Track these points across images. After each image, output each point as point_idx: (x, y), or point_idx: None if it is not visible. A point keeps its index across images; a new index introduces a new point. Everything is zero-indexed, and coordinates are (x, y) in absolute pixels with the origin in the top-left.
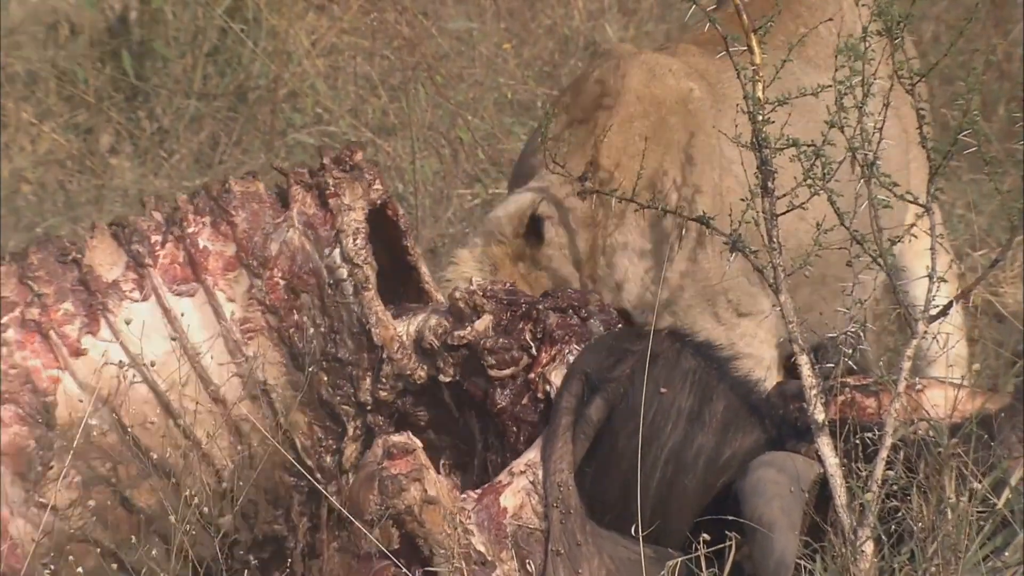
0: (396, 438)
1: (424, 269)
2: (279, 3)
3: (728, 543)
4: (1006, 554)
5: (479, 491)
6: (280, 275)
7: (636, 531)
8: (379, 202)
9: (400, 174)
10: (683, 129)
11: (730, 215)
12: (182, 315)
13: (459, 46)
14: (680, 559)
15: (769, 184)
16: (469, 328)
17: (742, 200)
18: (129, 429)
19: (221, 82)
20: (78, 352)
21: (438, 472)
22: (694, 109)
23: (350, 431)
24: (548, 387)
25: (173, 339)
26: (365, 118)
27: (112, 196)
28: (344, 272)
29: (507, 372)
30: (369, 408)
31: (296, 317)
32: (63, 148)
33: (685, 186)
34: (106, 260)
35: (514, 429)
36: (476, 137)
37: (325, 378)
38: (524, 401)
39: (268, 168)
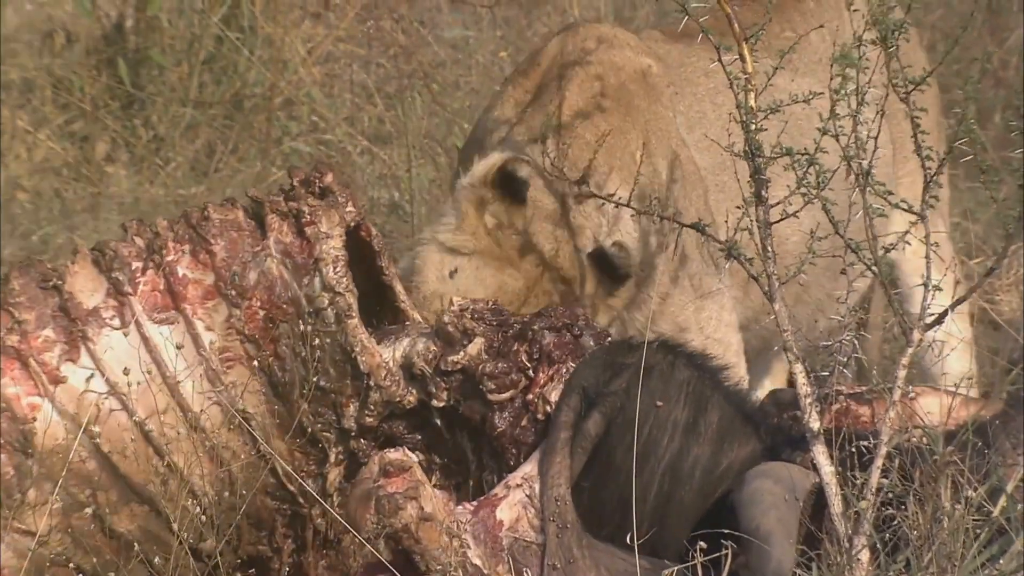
0: (392, 455)
1: (399, 288)
2: (275, 11)
3: (724, 552)
4: (1002, 562)
5: (475, 503)
6: (259, 305)
7: (632, 542)
8: (353, 224)
9: (396, 182)
10: (643, 96)
11: (727, 222)
12: (172, 344)
13: (455, 54)
14: (676, 568)
15: (763, 193)
16: (462, 353)
17: (737, 207)
18: (109, 456)
19: (217, 90)
20: (57, 379)
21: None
22: (652, 83)
23: (332, 457)
24: (548, 407)
25: (152, 367)
26: (361, 126)
27: (108, 204)
28: (325, 301)
29: (506, 396)
30: (353, 434)
31: (275, 346)
32: (59, 156)
33: (648, 155)
34: (87, 287)
35: (513, 451)
36: None
37: (306, 406)
38: (523, 423)
39: (263, 177)
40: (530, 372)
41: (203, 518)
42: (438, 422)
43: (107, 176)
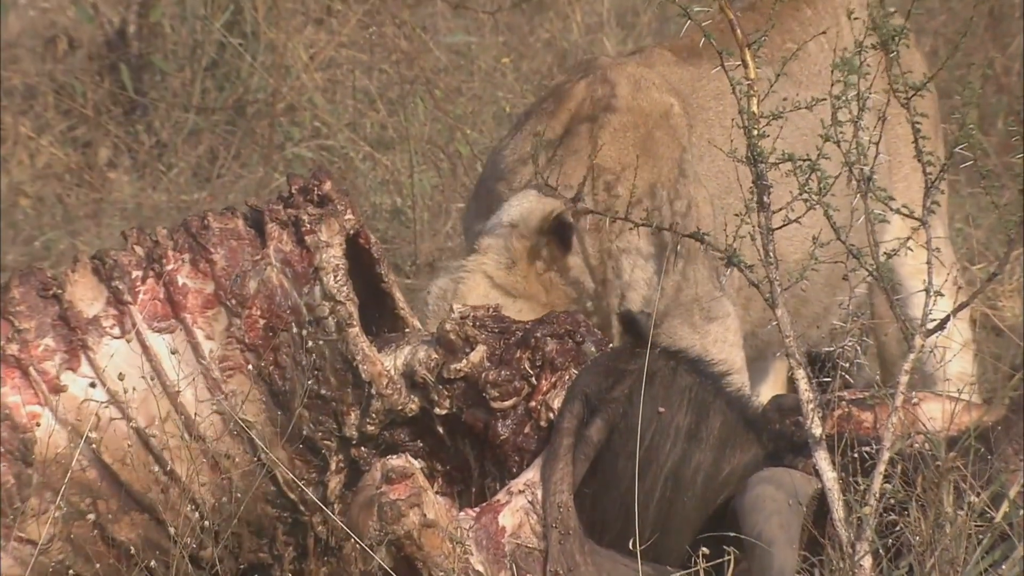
0: (394, 462)
1: (398, 295)
2: (277, 17)
3: (727, 558)
4: (1004, 567)
5: (477, 510)
6: (259, 314)
7: (635, 548)
8: (352, 232)
9: (398, 188)
10: (669, 143)
11: (725, 229)
12: (169, 352)
13: (458, 60)
14: (679, 574)
15: (765, 199)
16: (464, 361)
17: (736, 215)
18: (109, 465)
19: (219, 96)
20: (57, 388)
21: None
22: (675, 124)
23: (332, 465)
24: (550, 414)
25: (152, 376)
26: (363, 132)
27: (110, 210)
28: (325, 309)
29: (509, 403)
30: (354, 442)
31: (276, 355)
32: (61, 162)
33: (679, 199)
34: (87, 295)
35: (516, 459)
36: (475, 151)
37: (307, 414)
38: (526, 430)
39: (266, 183)
40: (533, 379)
41: (205, 523)
42: (440, 430)
43: (109, 182)
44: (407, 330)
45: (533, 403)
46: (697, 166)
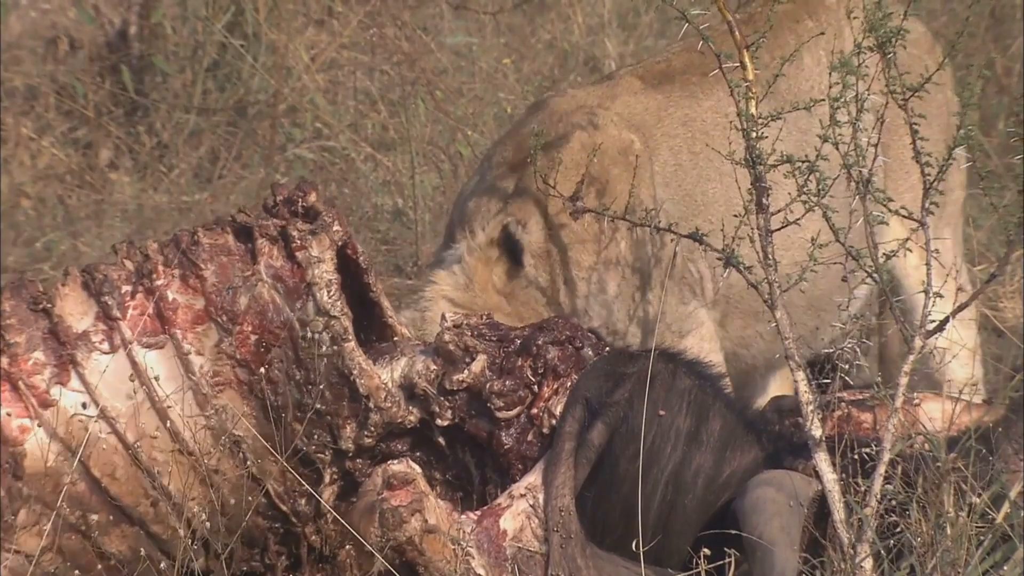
0: (395, 467)
1: (386, 304)
2: (279, 18)
3: (728, 560)
4: (1005, 568)
5: (479, 513)
6: (250, 329)
7: (637, 550)
8: (340, 243)
9: (400, 189)
10: (626, 180)
11: (722, 230)
12: (161, 369)
13: (459, 61)
14: None
15: (763, 200)
16: (466, 371)
17: (735, 216)
18: (99, 479)
19: (221, 97)
20: (47, 403)
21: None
22: (634, 161)
23: (326, 477)
24: (553, 421)
25: (141, 391)
26: (365, 133)
27: (111, 211)
28: (319, 324)
29: (514, 412)
30: (350, 454)
31: (268, 370)
32: (62, 163)
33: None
34: (76, 310)
35: (519, 467)
36: (476, 152)
37: (299, 428)
38: (529, 438)
39: (267, 184)
40: (535, 387)
41: (201, 533)
42: (440, 440)
43: (111, 183)
44: (396, 340)
45: (535, 410)
46: (662, 192)
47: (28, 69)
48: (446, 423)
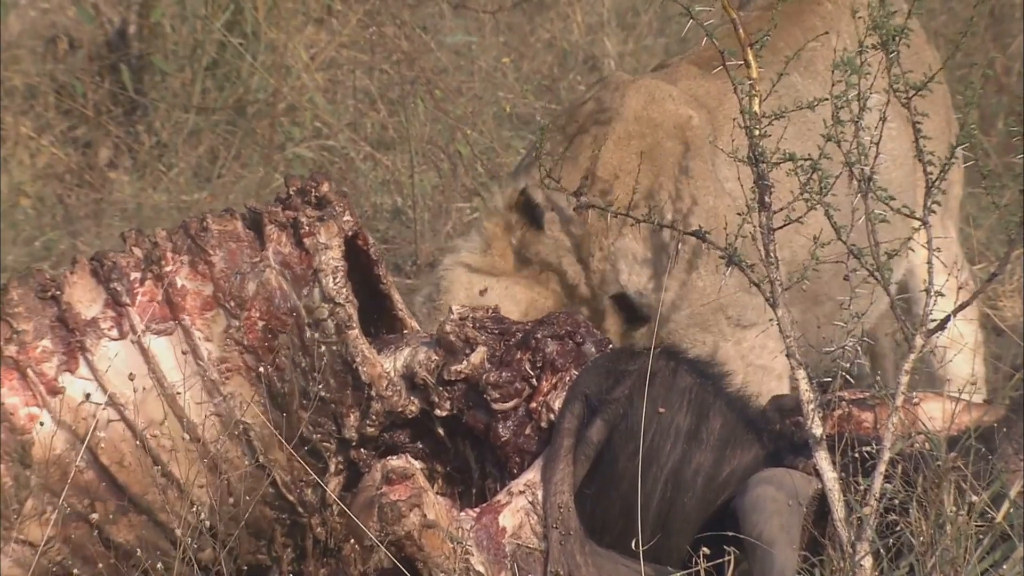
0: (394, 462)
1: (397, 296)
2: (278, 17)
3: (727, 558)
4: (1004, 568)
5: (478, 510)
6: (258, 315)
7: (637, 549)
8: (350, 233)
9: (399, 188)
10: (679, 153)
11: (725, 228)
12: (170, 355)
13: (458, 60)
14: (679, 574)
15: (766, 198)
16: (465, 362)
17: (739, 215)
18: (107, 467)
19: (220, 96)
20: (55, 390)
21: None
22: (691, 136)
23: (332, 467)
24: (551, 415)
25: (150, 378)
26: (364, 132)
27: (111, 210)
28: (325, 311)
29: (510, 404)
30: (353, 444)
31: (275, 357)
32: (62, 162)
33: (680, 200)
34: (85, 297)
35: (517, 460)
36: (475, 151)
37: (305, 416)
38: (527, 431)
39: (267, 183)
40: (533, 380)
41: (207, 523)
42: (440, 431)
43: (110, 182)
44: (405, 332)
45: (534, 404)
46: (723, 174)
47: (27, 68)
48: (444, 413)
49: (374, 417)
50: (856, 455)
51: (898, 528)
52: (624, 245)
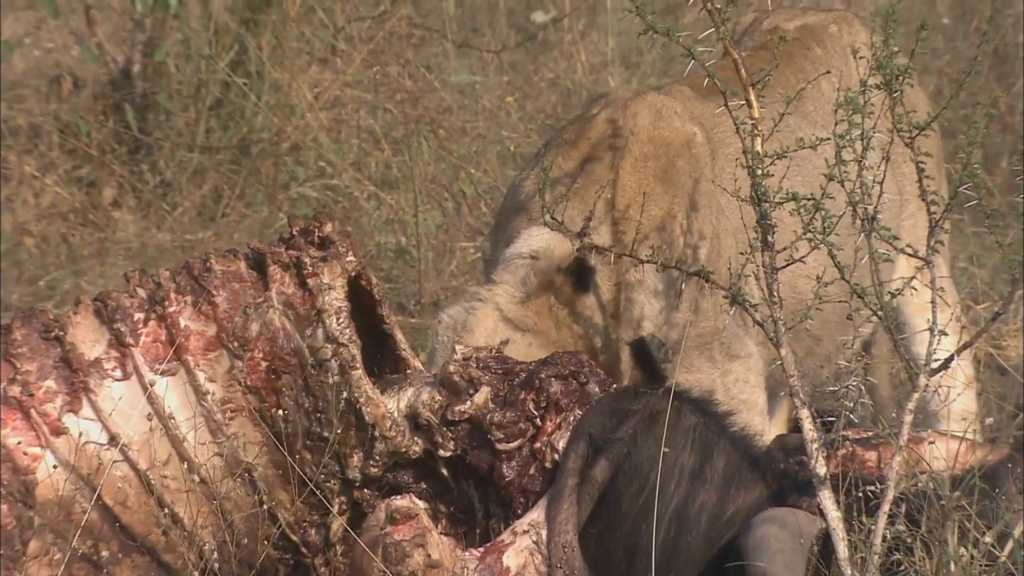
0: (398, 502)
1: (400, 336)
2: (282, 56)
3: None
4: None
5: (482, 549)
6: (261, 356)
7: None
8: (353, 273)
9: (403, 227)
10: (689, 173)
11: (729, 268)
12: (173, 396)
13: (462, 99)
14: None
15: (769, 238)
16: (468, 402)
17: (741, 254)
18: (110, 507)
19: (224, 135)
20: (59, 431)
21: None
22: (697, 153)
23: (335, 507)
24: (555, 455)
25: (154, 418)
26: (368, 171)
27: (115, 249)
28: (328, 352)
29: (515, 444)
30: (357, 484)
31: (278, 397)
32: (66, 201)
33: (690, 232)
34: (88, 337)
35: (521, 500)
36: (479, 190)
37: (309, 456)
38: (531, 471)
39: (270, 222)
40: (537, 420)
41: (212, 564)
42: (444, 471)
43: (114, 221)
44: (409, 371)
45: (538, 444)
46: (721, 198)
47: (31, 107)
48: (448, 454)
49: (377, 457)
50: (860, 494)
51: (902, 568)
52: (640, 278)
